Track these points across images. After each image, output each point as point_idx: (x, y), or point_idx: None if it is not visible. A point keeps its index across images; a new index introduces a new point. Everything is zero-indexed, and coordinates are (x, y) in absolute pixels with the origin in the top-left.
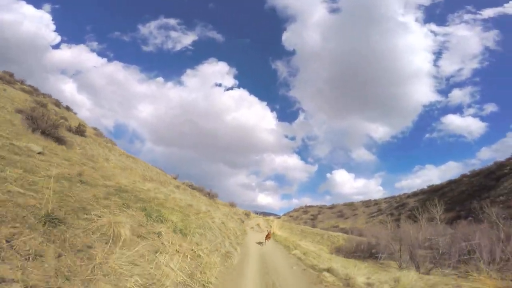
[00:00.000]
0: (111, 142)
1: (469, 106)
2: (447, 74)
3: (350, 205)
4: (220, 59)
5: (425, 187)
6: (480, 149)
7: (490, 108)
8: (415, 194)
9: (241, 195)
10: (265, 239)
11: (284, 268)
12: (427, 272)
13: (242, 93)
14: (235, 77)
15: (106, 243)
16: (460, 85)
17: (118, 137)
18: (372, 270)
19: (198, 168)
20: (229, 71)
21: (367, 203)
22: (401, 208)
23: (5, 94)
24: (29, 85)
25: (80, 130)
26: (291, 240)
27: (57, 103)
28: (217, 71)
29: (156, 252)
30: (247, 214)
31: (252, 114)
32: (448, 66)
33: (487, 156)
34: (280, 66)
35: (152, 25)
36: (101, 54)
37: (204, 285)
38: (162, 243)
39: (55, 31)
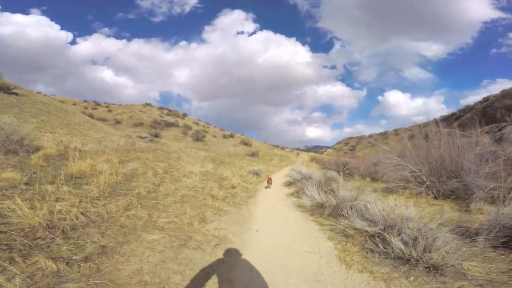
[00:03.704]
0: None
1: None
2: None
3: (384, 135)
4: (233, 7)
5: (438, 116)
6: None
7: None
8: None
9: (289, 131)
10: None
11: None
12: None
13: (267, 35)
14: (255, 21)
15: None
16: None
17: (166, 104)
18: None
19: (244, 113)
20: (246, 17)
21: (397, 132)
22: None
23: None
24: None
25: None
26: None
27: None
28: (235, 19)
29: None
30: (298, 153)
31: (283, 52)
32: None
33: None
34: (298, 0)
35: None
36: (118, 36)
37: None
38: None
39: (61, 29)
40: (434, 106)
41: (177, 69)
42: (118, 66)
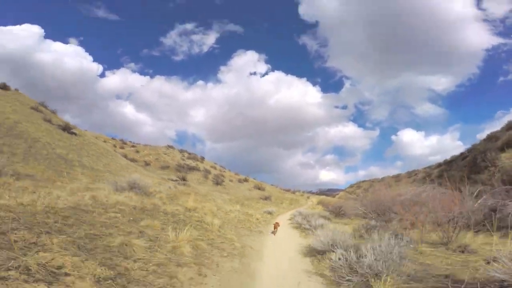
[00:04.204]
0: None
1: None
2: (499, 17)
3: (397, 177)
4: (247, 48)
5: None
6: None
7: None
8: (439, 165)
9: (301, 175)
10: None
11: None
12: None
13: (278, 75)
14: (267, 61)
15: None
16: None
17: (181, 144)
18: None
19: (256, 155)
20: (259, 58)
21: (409, 174)
22: (426, 179)
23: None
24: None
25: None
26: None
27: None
28: (248, 60)
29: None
30: (308, 197)
31: (294, 93)
32: (496, 8)
33: None
34: (307, 40)
35: (173, 34)
36: (142, 72)
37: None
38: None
39: (94, 61)
40: (450, 143)
41: (194, 108)
42: (140, 102)
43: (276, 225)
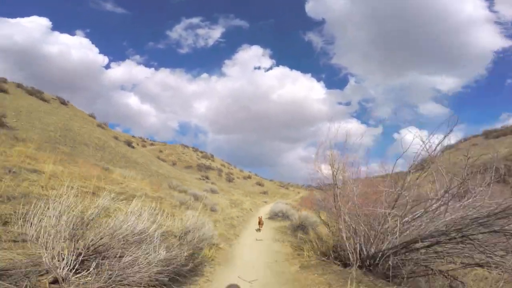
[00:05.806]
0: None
1: None
2: (510, 19)
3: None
4: (252, 43)
5: None
6: None
7: None
8: None
9: (302, 168)
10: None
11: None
12: None
13: (283, 70)
14: (271, 57)
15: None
16: None
17: (184, 135)
18: None
19: (258, 148)
20: (264, 52)
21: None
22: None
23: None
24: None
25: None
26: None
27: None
28: (253, 55)
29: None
30: (299, 192)
31: (299, 88)
32: (508, 10)
33: None
34: (313, 37)
35: (178, 28)
36: (147, 65)
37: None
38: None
39: (100, 53)
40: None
41: (197, 100)
42: (144, 93)
43: (260, 220)
